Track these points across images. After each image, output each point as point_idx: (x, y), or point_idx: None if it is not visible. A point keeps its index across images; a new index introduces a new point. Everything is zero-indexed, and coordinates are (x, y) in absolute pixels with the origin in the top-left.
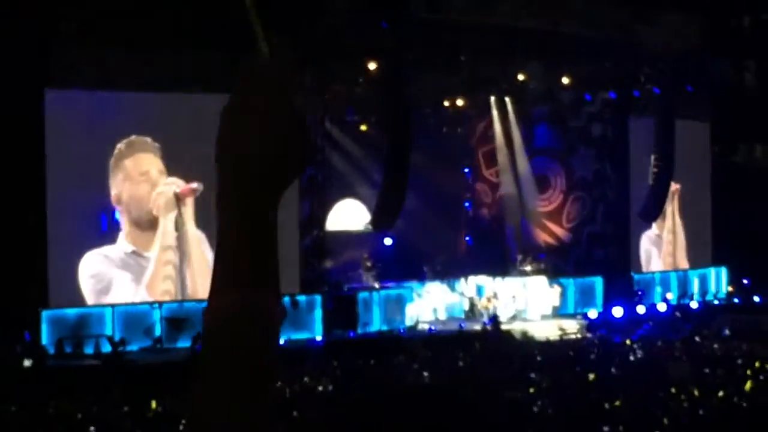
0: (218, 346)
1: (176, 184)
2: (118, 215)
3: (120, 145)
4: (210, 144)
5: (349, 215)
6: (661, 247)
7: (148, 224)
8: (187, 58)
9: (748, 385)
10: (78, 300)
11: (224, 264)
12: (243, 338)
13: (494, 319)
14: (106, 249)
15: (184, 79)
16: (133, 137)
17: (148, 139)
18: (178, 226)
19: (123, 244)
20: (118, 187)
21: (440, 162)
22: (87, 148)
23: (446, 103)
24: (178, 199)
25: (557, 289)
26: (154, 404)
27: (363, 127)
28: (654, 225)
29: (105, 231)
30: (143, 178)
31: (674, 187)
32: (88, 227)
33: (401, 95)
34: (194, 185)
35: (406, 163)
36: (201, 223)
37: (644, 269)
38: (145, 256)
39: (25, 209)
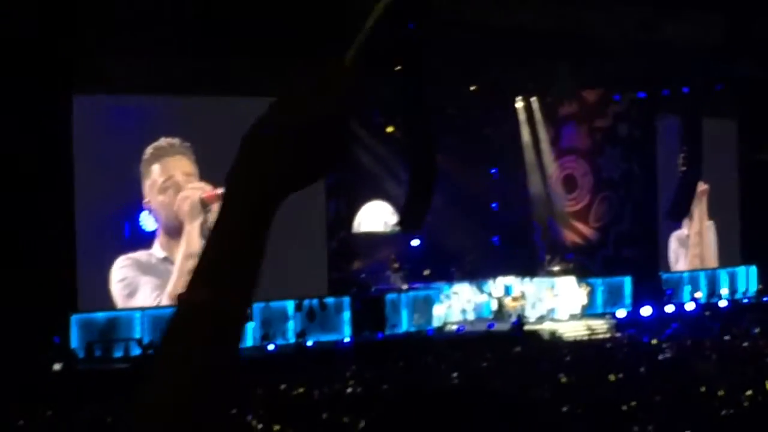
0: (171, 339)
1: (202, 189)
2: (143, 222)
3: (148, 149)
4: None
5: (376, 217)
6: (688, 249)
7: (176, 230)
8: (213, 61)
9: None
10: (107, 304)
11: (205, 259)
12: (195, 335)
13: (519, 320)
14: (139, 254)
15: (214, 82)
16: (161, 141)
17: (177, 141)
18: (204, 233)
19: (157, 249)
20: (147, 194)
21: (467, 163)
22: (115, 153)
23: (472, 104)
24: (204, 204)
25: (585, 288)
26: None
27: (389, 129)
28: (684, 226)
29: (128, 238)
30: (168, 183)
31: (702, 187)
32: (114, 233)
33: (425, 96)
34: (220, 191)
35: (433, 164)
36: None
37: (672, 269)
38: (175, 263)
39: (54, 214)
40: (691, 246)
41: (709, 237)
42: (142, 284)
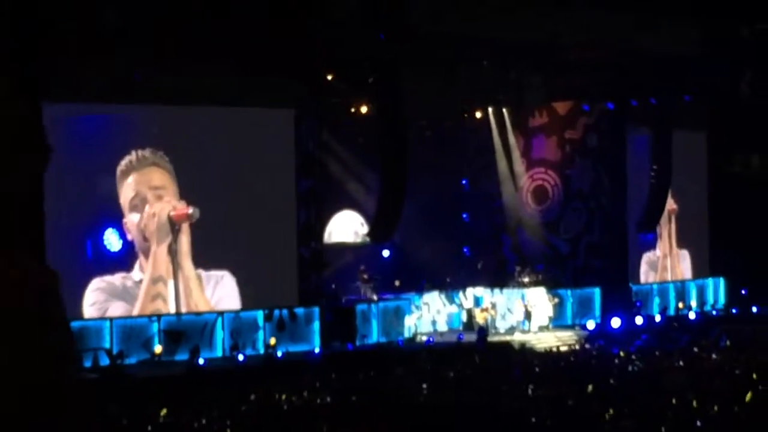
0: None
1: (172, 206)
2: (107, 241)
3: (122, 162)
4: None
5: (347, 227)
6: (658, 272)
7: (146, 251)
8: (188, 70)
9: (748, 397)
10: (76, 313)
11: None
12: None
13: (482, 332)
14: (114, 277)
15: (187, 91)
16: (132, 154)
17: (148, 152)
18: (173, 256)
19: (136, 272)
20: (124, 214)
21: (438, 174)
22: (85, 165)
23: (444, 115)
24: (173, 223)
25: (555, 300)
26: (164, 412)
27: (361, 139)
28: (657, 247)
29: (90, 258)
30: (136, 200)
31: (672, 206)
32: (80, 251)
33: (397, 107)
34: (190, 210)
35: (404, 175)
36: (200, 261)
37: (642, 281)
38: (140, 294)
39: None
40: (660, 269)
41: (682, 266)
42: (111, 309)
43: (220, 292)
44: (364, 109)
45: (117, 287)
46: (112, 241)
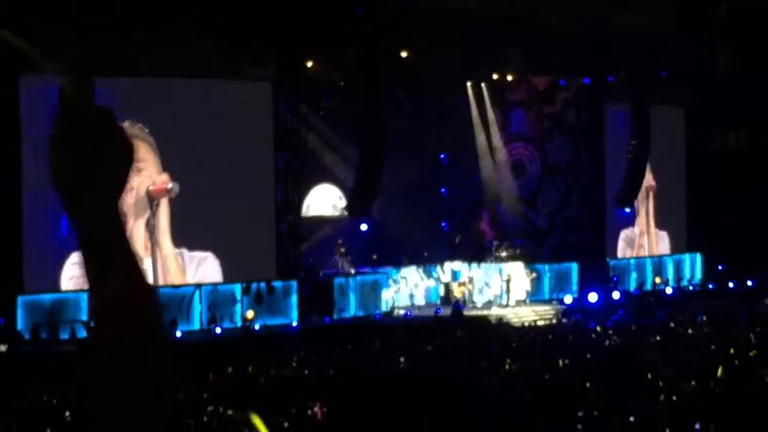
0: (105, 331)
1: (151, 180)
2: None
3: None
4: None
5: (325, 200)
6: (635, 249)
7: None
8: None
9: (719, 372)
10: (54, 285)
11: (88, 259)
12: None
13: (456, 306)
14: None
15: (166, 63)
16: None
17: (126, 124)
18: (151, 232)
19: None
20: None
21: (416, 147)
22: None
23: (422, 89)
24: (152, 198)
25: (533, 274)
26: None
27: (339, 112)
28: (635, 223)
29: (66, 236)
30: None
31: (650, 182)
32: (55, 229)
33: (376, 81)
34: (169, 184)
35: (382, 148)
36: (178, 235)
37: (620, 256)
38: None
39: (1, 197)
40: (637, 246)
41: (660, 246)
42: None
43: (202, 272)
44: (342, 83)
45: None
46: None
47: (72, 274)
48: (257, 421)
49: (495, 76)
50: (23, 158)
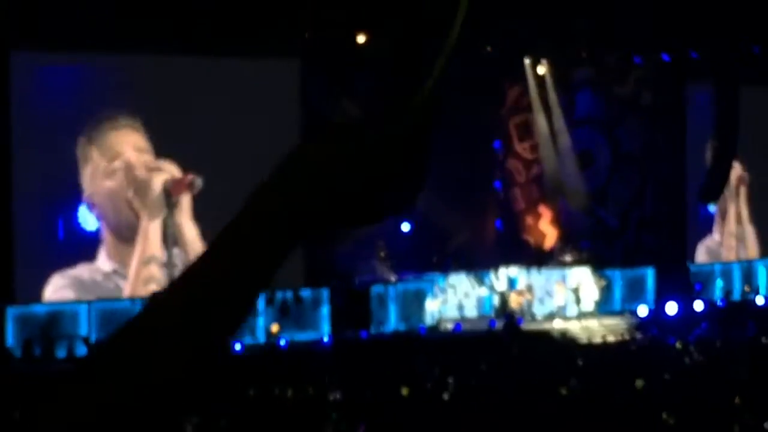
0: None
1: (168, 173)
2: (87, 219)
3: (97, 127)
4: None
5: None
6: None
7: (130, 230)
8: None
9: None
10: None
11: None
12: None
13: (508, 318)
14: (79, 269)
15: (176, 39)
16: (110, 115)
17: (128, 111)
18: (168, 232)
19: (103, 261)
20: (89, 186)
21: (466, 135)
22: (59, 122)
23: (473, 67)
24: (169, 194)
25: (602, 282)
26: None
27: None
28: (716, 231)
29: (62, 240)
30: (117, 163)
31: (739, 172)
32: (51, 231)
33: (419, 58)
34: (190, 177)
35: (429, 135)
36: (203, 231)
37: (702, 260)
38: (128, 276)
39: None
40: (725, 248)
41: (750, 245)
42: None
43: None
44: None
45: (86, 283)
46: (89, 218)
47: (61, 284)
48: None
49: (558, 53)
50: (12, 148)
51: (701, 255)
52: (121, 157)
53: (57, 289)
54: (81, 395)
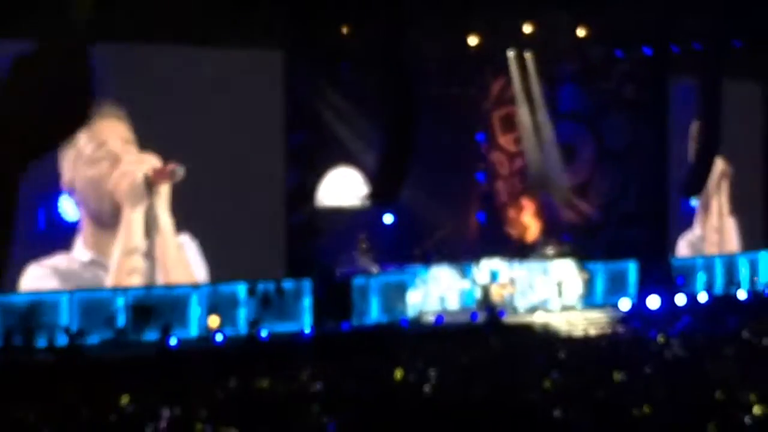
0: None
1: (148, 163)
2: (68, 207)
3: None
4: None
5: (343, 187)
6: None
7: (111, 219)
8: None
9: None
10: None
11: None
12: None
13: (491, 311)
14: (56, 259)
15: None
16: (91, 105)
17: (109, 101)
18: (149, 222)
19: (79, 250)
20: (69, 171)
21: (449, 127)
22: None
23: (457, 59)
24: (150, 183)
25: (584, 275)
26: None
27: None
28: (697, 225)
29: (43, 230)
30: (101, 152)
31: (721, 166)
32: (29, 220)
33: (403, 49)
34: (171, 166)
35: (410, 128)
36: (180, 219)
37: (684, 254)
38: (109, 267)
39: None
40: (708, 242)
41: (730, 234)
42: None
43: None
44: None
45: (63, 272)
46: (68, 209)
47: (38, 273)
48: None
49: (541, 45)
50: None
51: (683, 249)
52: (106, 146)
53: (33, 279)
54: None
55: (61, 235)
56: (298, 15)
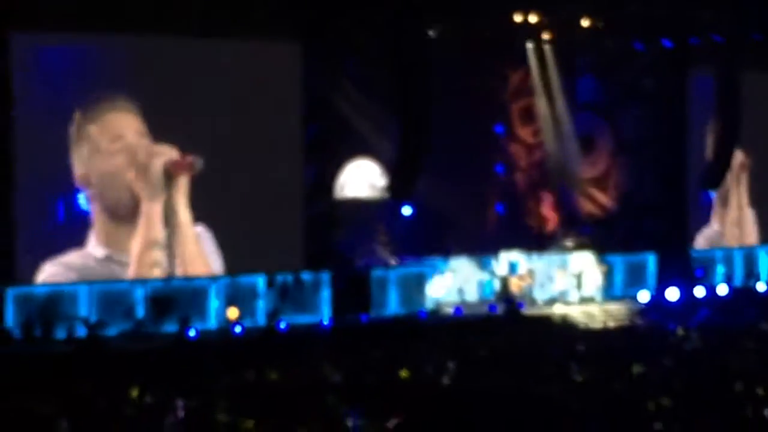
0: None
1: (167, 155)
2: (82, 202)
3: (95, 109)
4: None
5: (362, 179)
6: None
7: (128, 213)
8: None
9: None
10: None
11: None
12: None
13: (509, 303)
14: (71, 256)
15: (175, 20)
16: (106, 97)
17: (124, 94)
18: (168, 214)
19: (93, 247)
20: (83, 165)
21: (468, 119)
22: (62, 104)
23: (476, 51)
24: (169, 175)
25: (603, 267)
26: (135, 392)
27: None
28: (715, 218)
29: (62, 222)
30: (117, 146)
31: (741, 158)
32: (50, 213)
33: (419, 40)
34: (191, 157)
35: (428, 119)
36: (198, 211)
37: (704, 246)
38: (124, 263)
39: None
40: (728, 233)
41: (749, 227)
42: None
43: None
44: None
45: (78, 269)
46: (82, 204)
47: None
48: None
49: (560, 37)
50: (17, 131)
51: (702, 241)
52: (122, 140)
53: (49, 276)
54: None
55: (74, 231)
56: (314, 6)
